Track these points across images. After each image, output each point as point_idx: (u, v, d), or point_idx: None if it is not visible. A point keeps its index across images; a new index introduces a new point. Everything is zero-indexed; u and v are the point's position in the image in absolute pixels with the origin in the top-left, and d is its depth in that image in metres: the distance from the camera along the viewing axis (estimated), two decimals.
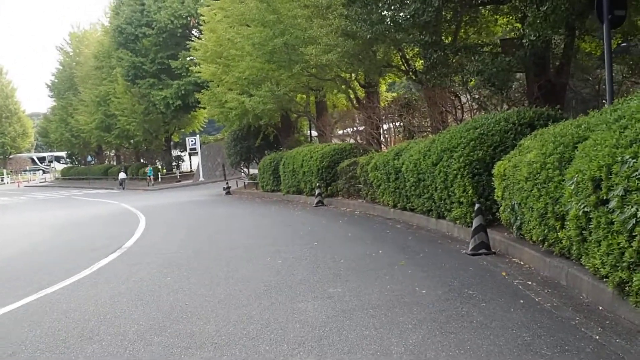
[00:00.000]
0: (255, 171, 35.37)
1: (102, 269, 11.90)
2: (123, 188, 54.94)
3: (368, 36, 17.49)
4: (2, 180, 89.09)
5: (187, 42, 39.94)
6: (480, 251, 10.56)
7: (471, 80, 15.98)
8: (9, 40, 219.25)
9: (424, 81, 18.58)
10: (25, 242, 18.18)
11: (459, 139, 12.75)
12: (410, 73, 20.62)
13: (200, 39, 35.71)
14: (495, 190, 10.98)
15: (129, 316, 7.88)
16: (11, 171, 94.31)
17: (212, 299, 8.51)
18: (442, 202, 13.49)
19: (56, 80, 79.49)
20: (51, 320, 7.96)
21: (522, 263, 9.55)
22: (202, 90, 37.01)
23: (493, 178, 11.15)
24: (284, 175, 27.87)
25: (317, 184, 23.23)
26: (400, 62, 21.65)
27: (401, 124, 23.59)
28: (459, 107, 18.63)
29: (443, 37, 18.04)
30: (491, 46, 17.09)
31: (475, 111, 18.13)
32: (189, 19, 49.35)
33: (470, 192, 12.02)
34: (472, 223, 11.54)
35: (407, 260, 10.42)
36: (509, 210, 10.34)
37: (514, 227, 10.24)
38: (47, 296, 9.59)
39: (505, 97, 15.17)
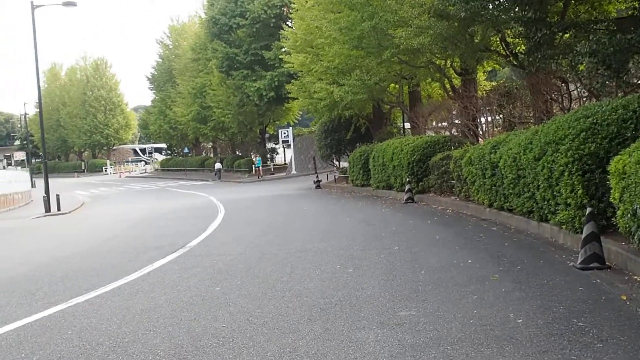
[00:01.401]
0: (346, 164, 33.92)
1: (153, 272, 10.71)
2: (219, 178, 56.18)
3: (463, 15, 15.72)
4: (106, 170, 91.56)
5: (280, 33, 38.74)
6: (591, 265, 8.71)
7: (581, 63, 13.91)
8: (114, 34, 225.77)
9: (526, 65, 16.62)
10: (95, 238, 17.44)
11: (567, 129, 10.85)
12: (511, 57, 18.58)
13: (292, 27, 34.50)
14: (612, 191, 9.07)
15: (150, 341, 6.54)
16: (114, 162, 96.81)
17: (256, 319, 7.08)
18: (546, 202, 11.61)
19: (156, 73, 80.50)
20: (59, 342, 6.74)
21: None
22: (292, 81, 35.85)
23: (609, 176, 9.24)
24: (374, 169, 26.31)
25: (407, 179, 21.56)
26: (500, 46, 19.62)
27: (500, 115, 21.57)
28: (566, 95, 16.50)
29: (548, 16, 15.95)
30: (606, 23, 14.86)
31: (585, 100, 15.97)
32: (282, 8, 48.29)
33: (579, 192, 10.12)
34: (581, 229, 9.73)
35: (501, 274, 8.68)
36: (629, 215, 8.44)
37: (636, 236, 8.33)
38: (75, 307, 8.41)
39: (623, 81, 13.06)
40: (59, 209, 30.37)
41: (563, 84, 16.58)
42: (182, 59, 70.11)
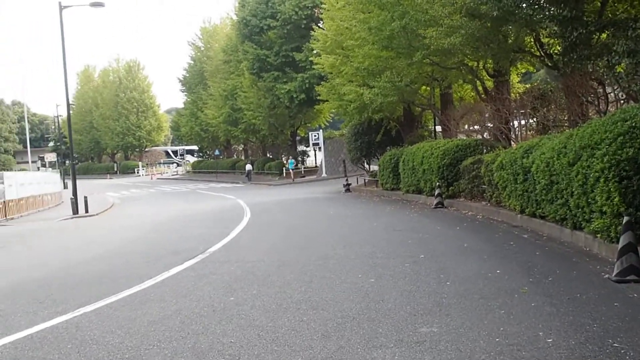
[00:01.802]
0: (376, 168, 33.39)
1: (168, 279, 10.34)
2: (249, 180, 56.67)
3: (495, 14, 15.17)
4: (138, 172, 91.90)
5: (311, 34, 38.33)
6: (628, 277, 8.16)
7: (619, 64, 13.29)
8: (147, 36, 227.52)
9: (560, 66, 16.01)
10: (116, 242, 17.24)
11: (603, 133, 10.28)
12: (545, 58, 17.94)
13: (322, 28, 34.07)
14: None
15: (151, 358, 6.15)
16: (146, 164, 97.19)
17: (267, 335, 6.66)
18: (580, 210, 11.04)
19: (187, 75, 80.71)
20: (56, 358, 6.38)
21: None
22: (321, 83, 35.44)
23: None
24: (404, 173, 25.79)
25: (437, 184, 21.01)
26: (534, 46, 18.98)
27: (534, 118, 20.90)
28: (603, 97, 15.83)
29: (585, 15, 15.29)
30: None
31: (622, 103, 15.29)
32: (313, 9, 47.91)
33: (616, 199, 9.56)
34: (617, 239, 9.19)
35: (530, 286, 8.18)
36: None
37: None
38: (81, 317, 8.07)
39: None
40: (87, 211, 30.34)
41: (599, 86, 15.90)
42: (213, 60, 70.14)
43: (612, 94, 16.35)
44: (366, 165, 37.73)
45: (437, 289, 8.28)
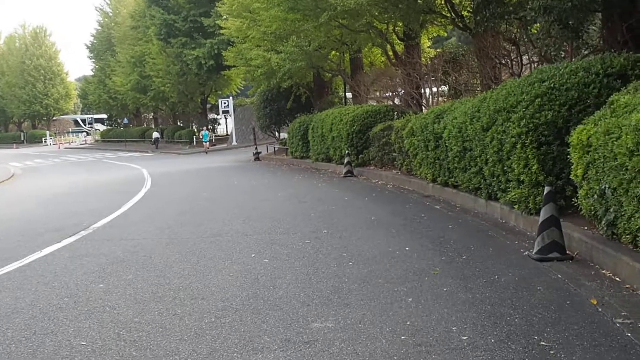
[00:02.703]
0: (287, 135, 32.27)
1: (35, 262, 8.89)
2: (156, 147, 55.25)
3: None
4: (45, 141, 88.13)
5: None
6: (550, 255, 7.33)
7: (534, 23, 12.51)
8: (55, 2, 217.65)
9: (472, 27, 15.16)
10: None
11: (520, 95, 9.44)
12: (457, 19, 17.07)
13: None
14: (573, 167, 7.70)
15: None
16: (54, 133, 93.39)
17: (129, 335, 5.47)
18: (495, 179, 10.21)
19: (95, 42, 77.41)
20: None
21: (618, 280, 6.30)
22: (228, 48, 33.89)
23: (569, 149, 7.86)
24: (313, 141, 24.78)
25: (347, 152, 20.07)
26: (444, 7, 18.09)
27: (446, 83, 20.15)
28: (517, 60, 15.08)
29: None
30: None
31: (536, 65, 14.56)
32: None
33: (534, 167, 8.73)
34: (536, 210, 8.46)
35: (443, 266, 7.26)
36: (595, 196, 7.08)
37: (603, 221, 6.98)
38: None
39: (582, 43, 11.64)
40: None
41: (513, 47, 15.14)
42: (121, 27, 67.27)
43: (525, 56, 15.63)
44: (276, 133, 36.54)
45: (337, 271, 7.25)
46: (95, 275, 7.80)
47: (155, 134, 58.43)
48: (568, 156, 7.95)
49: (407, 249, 8.31)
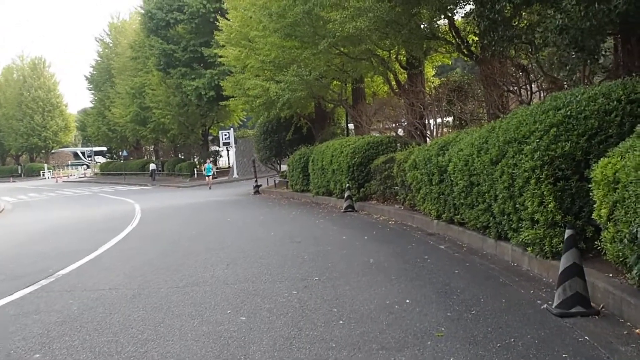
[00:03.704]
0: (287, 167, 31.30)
1: None
2: (154, 179, 55.16)
3: None
4: (43, 174, 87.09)
5: (217, 25, 35.75)
6: (573, 310, 6.29)
7: (545, 46, 11.53)
8: (56, 33, 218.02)
9: (478, 53, 14.22)
10: None
11: (532, 124, 8.47)
12: (462, 45, 16.12)
13: (227, 19, 31.59)
14: (596, 206, 6.67)
15: None
16: (53, 166, 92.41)
17: None
18: (506, 217, 9.18)
19: (95, 73, 76.68)
20: None
21: None
22: (226, 77, 33.07)
23: (590, 185, 6.85)
24: (313, 174, 23.79)
25: (347, 185, 19.06)
26: (449, 33, 17.17)
27: (451, 113, 19.18)
28: (526, 86, 14.09)
29: None
30: None
31: (546, 93, 13.58)
32: (222, 2, 45.38)
33: (550, 205, 7.72)
34: (552, 253, 7.46)
35: (449, 325, 6.20)
36: (624, 240, 6.02)
37: (635, 270, 5.94)
38: None
39: (598, 66, 10.67)
40: None
41: (522, 73, 14.18)
42: (121, 57, 66.61)
43: (534, 84, 14.66)
44: (277, 166, 35.57)
45: (324, 332, 6.18)
46: (35, 341, 6.67)
47: (152, 166, 58.24)
48: (589, 193, 6.94)
49: (407, 301, 7.24)
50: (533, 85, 14.19)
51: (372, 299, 7.44)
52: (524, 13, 12.55)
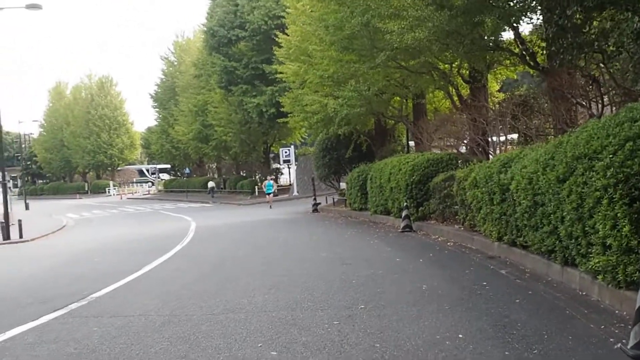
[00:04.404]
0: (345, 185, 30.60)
1: None
2: (212, 196, 55.59)
3: (465, 2, 12.39)
4: (109, 192, 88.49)
5: (277, 40, 35.38)
6: None
7: (617, 56, 10.57)
8: (123, 51, 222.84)
9: (545, 64, 13.29)
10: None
11: (605, 138, 7.55)
12: (527, 57, 15.17)
13: (287, 34, 31.19)
14: None
15: None
16: (118, 183, 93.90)
17: None
18: (573, 241, 8.24)
19: (159, 91, 77.45)
20: None
21: None
22: (283, 94, 32.63)
23: None
24: (371, 192, 23.00)
25: (405, 204, 18.20)
26: (513, 43, 16.23)
27: (516, 129, 18.17)
28: (597, 98, 13.05)
29: None
30: None
31: (619, 106, 12.54)
32: (284, 18, 45.13)
33: (625, 229, 6.78)
34: (627, 283, 6.52)
35: None
36: None
37: None
38: None
39: None
40: (20, 236, 27.38)
41: (593, 85, 13.15)
42: (185, 75, 67.25)
43: (605, 97, 13.61)
44: (336, 183, 34.89)
45: None
46: None
47: (211, 184, 58.84)
48: None
49: (460, 336, 6.43)
50: (605, 98, 13.13)
51: (421, 333, 6.64)
52: (595, 19, 11.58)
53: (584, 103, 13.53)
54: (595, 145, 7.68)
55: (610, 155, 7.19)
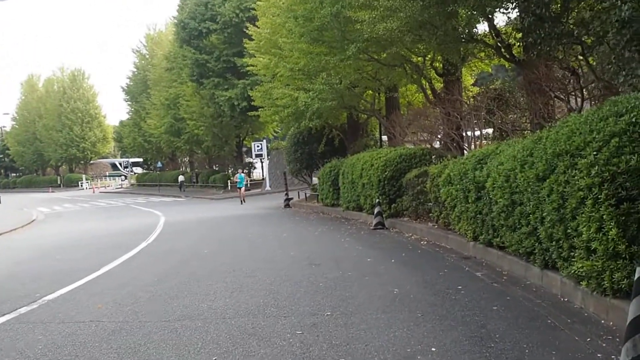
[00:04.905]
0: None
1: None
2: (182, 190, 55.81)
3: None
4: (82, 185, 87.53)
5: (247, 32, 34.60)
6: None
7: (597, 47, 10.07)
8: (96, 44, 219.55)
9: (521, 56, 12.79)
10: None
11: (589, 134, 7.02)
12: (502, 49, 14.67)
13: (257, 27, 30.46)
14: None
15: None
16: (91, 177, 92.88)
17: None
18: (554, 244, 7.72)
19: (131, 84, 76.60)
20: None
21: None
22: (255, 87, 31.95)
23: None
24: (343, 187, 22.44)
25: (377, 200, 17.66)
26: (489, 35, 15.73)
27: (491, 123, 17.71)
28: (576, 91, 12.56)
29: None
30: None
31: (599, 100, 12.07)
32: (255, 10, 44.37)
33: (612, 232, 6.27)
34: (613, 291, 6.03)
35: None
36: None
37: None
38: None
39: None
40: None
41: (571, 77, 12.66)
42: (157, 68, 66.41)
43: (586, 89, 13.12)
44: (308, 178, 34.29)
45: None
46: None
47: (181, 177, 58.89)
48: None
49: (433, 349, 5.87)
50: (584, 92, 12.65)
51: (391, 345, 6.08)
52: (574, 9, 11.10)
53: (562, 97, 13.05)
54: (577, 142, 7.16)
55: (595, 152, 6.68)
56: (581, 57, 11.72)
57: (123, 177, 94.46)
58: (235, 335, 6.84)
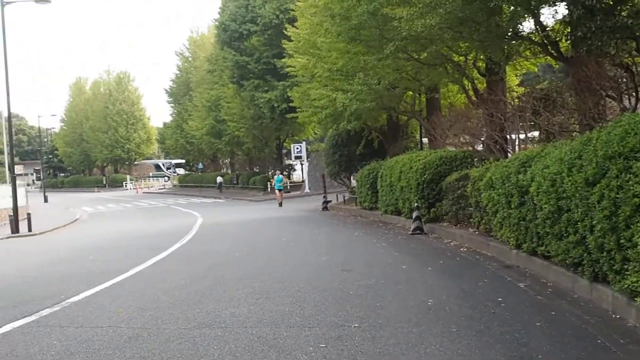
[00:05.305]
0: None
1: None
2: (220, 191, 56.95)
3: None
4: (126, 185, 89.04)
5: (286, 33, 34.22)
6: None
7: None
8: (150, 49, 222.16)
9: (570, 53, 12.06)
10: None
11: None
12: (549, 46, 13.92)
13: (296, 27, 30.04)
14: None
15: None
16: (135, 177, 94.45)
17: None
18: (605, 255, 7.05)
19: (174, 86, 77.24)
20: None
21: None
22: (294, 88, 31.51)
23: None
24: (382, 191, 21.87)
25: (416, 204, 17.02)
26: (534, 32, 14.97)
27: (536, 125, 16.92)
28: (629, 90, 11.78)
29: None
30: None
31: None
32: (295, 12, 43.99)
33: None
34: None
35: None
36: None
37: None
38: None
39: None
40: (29, 230, 27.12)
41: (624, 75, 11.88)
42: (199, 70, 66.88)
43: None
44: (347, 181, 33.74)
45: None
46: None
47: (219, 179, 59.76)
48: None
49: None
50: (639, 90, 11.85)
51: None
52: (628, 0, 10.36)
53: (614, 96, 12.26)
54: (632, 143, 6.50)
55: None
56: (636, 53, 10.96)
57: (166, 178, 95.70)
58: (254, 347, 6.34)
